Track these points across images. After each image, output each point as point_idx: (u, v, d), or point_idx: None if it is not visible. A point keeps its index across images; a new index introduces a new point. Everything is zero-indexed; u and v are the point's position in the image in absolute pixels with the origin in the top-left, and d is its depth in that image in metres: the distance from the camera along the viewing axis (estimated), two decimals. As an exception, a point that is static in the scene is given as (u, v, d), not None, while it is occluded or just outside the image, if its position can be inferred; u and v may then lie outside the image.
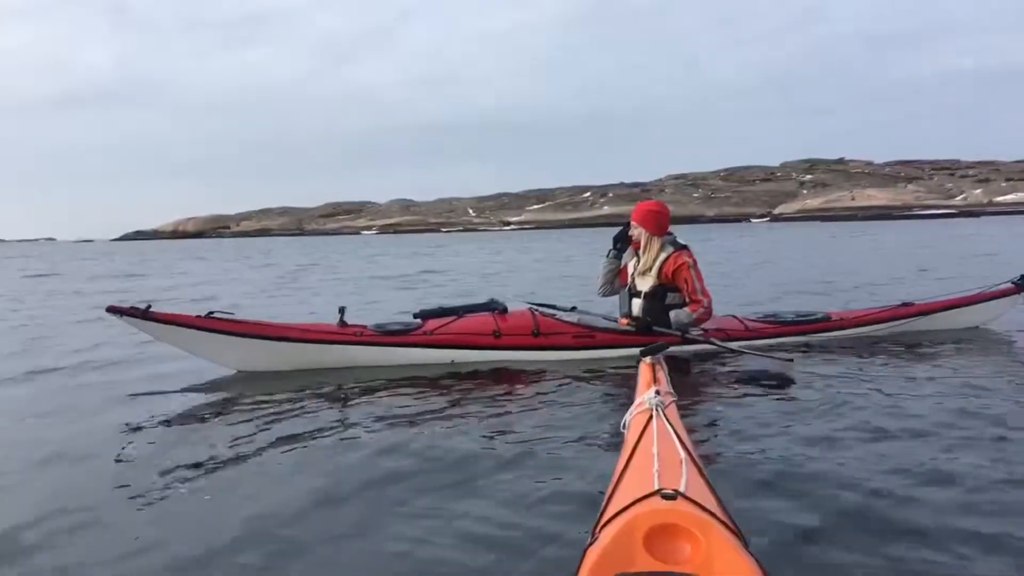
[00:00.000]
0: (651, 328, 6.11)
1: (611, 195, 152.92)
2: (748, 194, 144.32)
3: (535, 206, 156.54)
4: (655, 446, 2.13)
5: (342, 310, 6.24)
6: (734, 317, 6.61)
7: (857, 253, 24.07)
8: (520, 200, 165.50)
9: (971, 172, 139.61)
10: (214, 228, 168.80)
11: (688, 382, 5.51)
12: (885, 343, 6.52)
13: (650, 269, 6.14)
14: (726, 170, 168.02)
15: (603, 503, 2.01)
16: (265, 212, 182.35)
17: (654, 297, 6.13)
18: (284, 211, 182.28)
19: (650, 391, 2.61)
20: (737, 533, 1.87)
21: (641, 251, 6.19)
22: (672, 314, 6.08)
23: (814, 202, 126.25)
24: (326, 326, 6.18)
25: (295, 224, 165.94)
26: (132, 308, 5.68)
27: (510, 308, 6.37)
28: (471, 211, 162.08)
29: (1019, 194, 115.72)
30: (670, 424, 2.32)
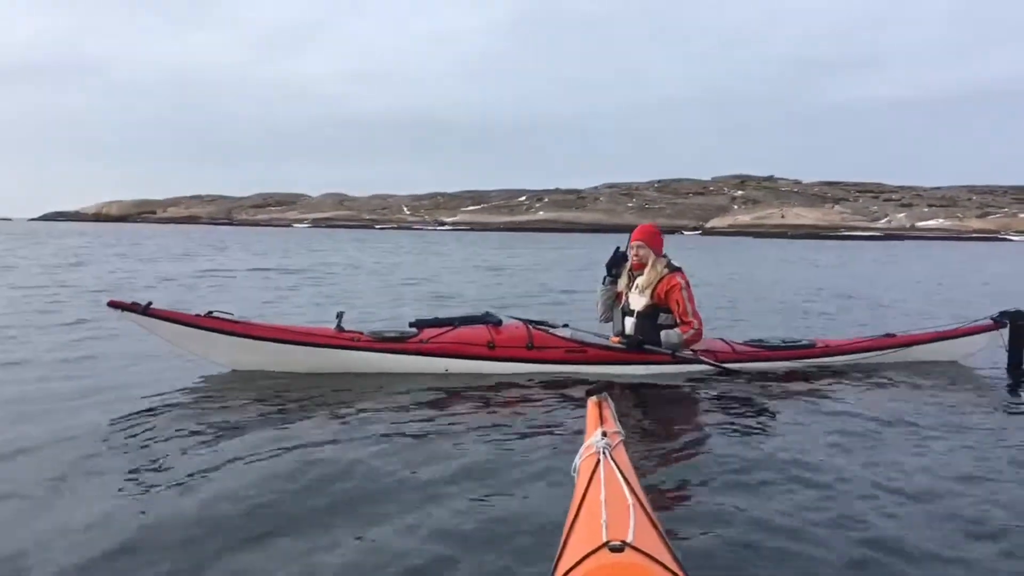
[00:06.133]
0: (642, 346, 6.12)
1: (547, 200, 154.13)
2: (681, 206, 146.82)
3: (471, 207, 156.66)
4: (603, 492, 2.13)
5: (340, 315, 6.17)
6: (722, 340, 6.64)
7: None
8: (456, 200, 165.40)
9: (894, 196, 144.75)
10: (139, 213, 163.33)
11: (660, 410, 5.49)
12: (866, 373, 6.58)
13: (644, 289, 6.16)
14: (660, 182, 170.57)
15: (556, 557, 1.97)
16: (195, 199, 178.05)
17: (646, 316, 6.17)
18: (214, 199, 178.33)
19: (597, 433, 2.55)
20: None
21: (647, 269, 6.21)
22: (663, 334, 6.12)
23: (745, 217, 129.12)
24: (323, 330, 6.13)
25: (224, 213, 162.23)
26: (133, 304, 5.70)
27: (504, 322, 6.36)
28: (406, 209, 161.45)
29: (940, 220, 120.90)
30: (618, 467, 2.29)
